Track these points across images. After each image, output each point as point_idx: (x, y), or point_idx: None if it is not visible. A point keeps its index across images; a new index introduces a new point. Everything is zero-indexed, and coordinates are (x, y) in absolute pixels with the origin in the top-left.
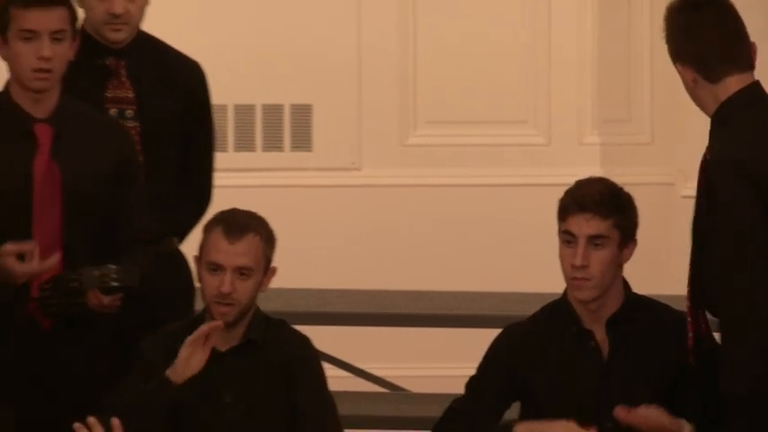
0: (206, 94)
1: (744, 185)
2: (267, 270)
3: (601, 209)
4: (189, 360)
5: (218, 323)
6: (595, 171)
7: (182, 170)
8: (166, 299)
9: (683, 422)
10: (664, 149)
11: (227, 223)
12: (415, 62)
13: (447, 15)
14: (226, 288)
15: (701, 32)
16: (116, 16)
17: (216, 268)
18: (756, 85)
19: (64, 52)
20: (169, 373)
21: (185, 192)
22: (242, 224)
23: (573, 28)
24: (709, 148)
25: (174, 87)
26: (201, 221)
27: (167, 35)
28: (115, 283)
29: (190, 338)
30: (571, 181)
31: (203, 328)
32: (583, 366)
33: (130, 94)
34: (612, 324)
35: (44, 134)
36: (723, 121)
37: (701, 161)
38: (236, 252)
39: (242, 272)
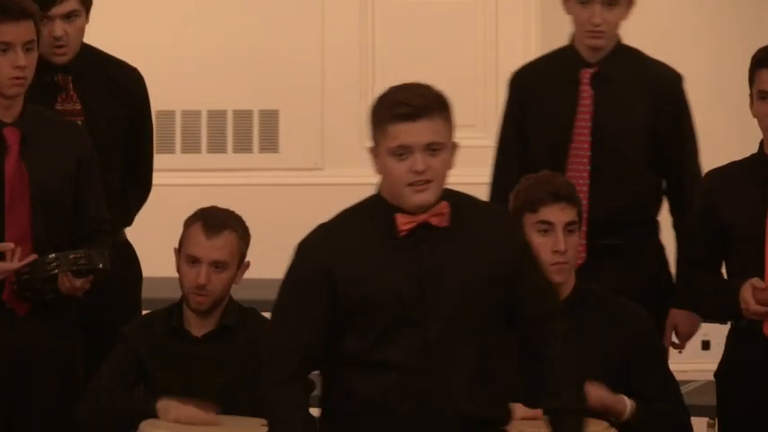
0: (145, 96)
1: None
2: (241, 264)
3: (572, 198)
4: (183, 416)
5: (214, 411)
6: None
7: (126, 165)
8: (118, 285)
9: (623, 398)
10: None
11: (206, 220)
12: (374, 70)
13: (405, 26)
14: (202, 280)
15: None
16: (57, 38)
17: (194, 261)
18: None
19: (34, 60)
20: (160, 407)
21: (131, 184)
22: (220, 221)
23: (519, 38)
24: None
25: (118, 95)
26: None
27: (140, 45)
28: (90, 266)
29: (192, 414)
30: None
31: (201, 419)
32: None
33: (78, 107)
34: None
35: (12, 137)
36: None
37: None
38: (214, 247)
39: (218, 265)
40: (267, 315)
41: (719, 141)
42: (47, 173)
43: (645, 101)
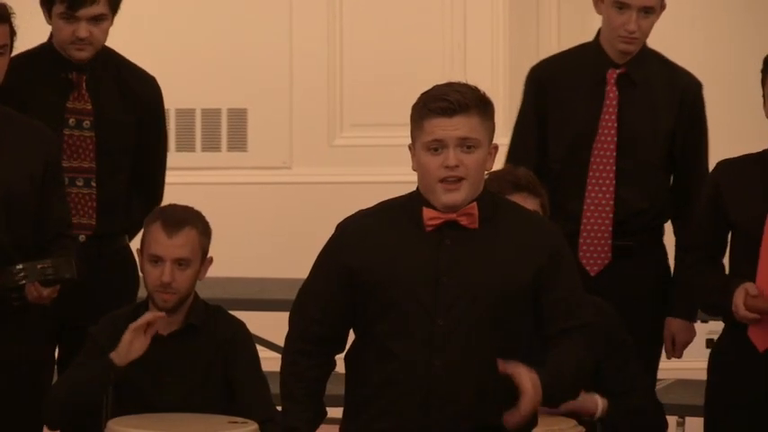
0: (161, 106)
1: None
2: (204, 260)
3: (535, 188)
4: (131, 344)
5: (161, 314)
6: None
7: (135, 175)
8: (114, 290)
9: (595, 396)
10: None
11: (165, 218)
12: (341, 70)
13: (372, 27)
14: (166, 278)
15: None
16: (81, 39)
17: (156, 260)
18: None
19: (5, 64)
20: (113, 355)
21: (139, 195)
22: (179, 218)
23: (486, 39)
24: None
25: (131, 100)
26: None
27: (117, 45)
28: (57, 275)
29: (133, 325)
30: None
31: (146, 316)
32: None
33: (89, 106)
34: None
35: None
36: None
37: None
38: (175, 245)
39: (180, 263)
40: (235, 313)
41: (733, 144)
42: (16, 176)
43: (669, 105)
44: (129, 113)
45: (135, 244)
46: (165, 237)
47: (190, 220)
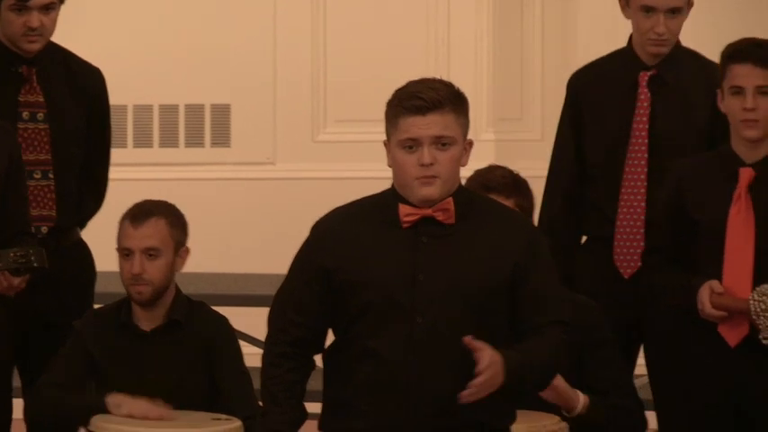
0: (107, 98)
1: None
2: (178, 251)
3: (504, 189)
4: (132, 411)
5: (166, 413)
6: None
7: (83, 167)
8: (72, 283)
9: (578, 393)
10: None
11: (132, 212)
12: (325, 66)
13: (355, 23)
14: (136, 269)
15: None
16: (32, 29)
17: (127, 253)
18: None
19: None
20: (109, 401)
21: (87, 186)
22: (146, 210)
23: (470, 35)
24: None
25: (80, 92)
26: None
27: (92, 39)
28: (30, 264)
29: (151, 412)
30: (468, 173)
31: (157, 413)
32: None
33: (41, 99)
34: None
35: None
36: None
37: None
38: (142, 235)
39: (150, 253)
40: (218, 309)
41: None
42: None
43: (704, 104)
44: (80, 106)
45: (105, 241)
46: (132, 229)
47: (156, 211)
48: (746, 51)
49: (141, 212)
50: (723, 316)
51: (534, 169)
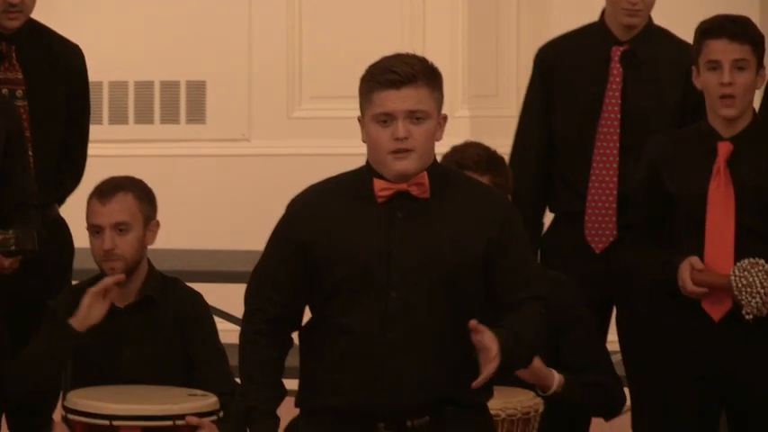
0: (86, 75)
1: None
2: (148, 224)
3: (479, 167)
4: (90, 309)
5: (120, 276)
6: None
7: (62, 144)
8: (51, 260)
9: (553, 373)
10: None
11: (99, 189)
12: (300, 42)
13: None
14: (107, 245)
15: None
16: (13, 5)
17: (97, 230)
18: None
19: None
20: (72, 321)
21: (66, 163)
22: (112, 186)
23: (445, 12)
24: None
25: (59, 69)
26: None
27: (67, 17)
28: (19, 247)
29: (92, 289)
30: (444, 150)
31: (106, 280)
32: None
33: (20, 76)
34: None
35: None
36: None
37: None
38: (110, 211)
39: (119, 228)
40: (193, 285)
41: None
42: None
43: (675, 81)
44: (59, 83)
45: (82, 218)
46: (99, 206)
47: (123, 186)
48: (722, 27)
49: (108, 189)
50: (704, 293)
51: (510, 146)
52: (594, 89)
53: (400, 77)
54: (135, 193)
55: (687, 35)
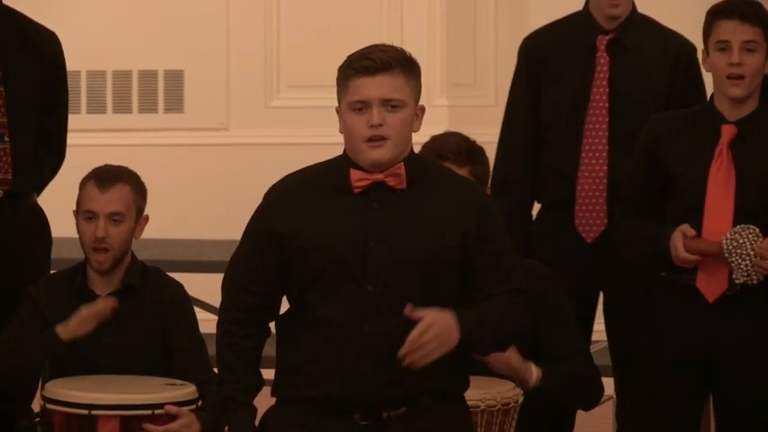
0: (63, 61)
1: None
2: (139, 218)
3: (458, 158)
4: (80, 325)
5: (114, 302)
6: (444, 131)
7: (41, 132)
8: (28, 249)
9: (531, 367)
10: None
11: (98, 176)
12: (278, 31)
13: None
14: (100, 233)
15: None
16: None
17: (91, 216)
18: None
19: None
20: (59, 330)
21: (44, 152)
22: (112, 175)
23: (423, 1)
24: None
25: (35, 56)
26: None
27: (46, 8)
28: None
29: (87, 309)
30: (423, 139)
31: (103, 305)
32: None
33: None
34: None
35: None
36: None
37: None
38: (108, 200)
39: (114, 218)
40: (173, 275)
41: None
42: None
43: (662, 69)
44: (35, 69)
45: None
46: (98, 192)
47: (123, 177)
48: (734, 7)
49: (108, 176)
50: (696, 260)
51: (488, 134)
52: (582, 78)
53: (375, 64)
54: (132, 186)
55: (672, 25)
